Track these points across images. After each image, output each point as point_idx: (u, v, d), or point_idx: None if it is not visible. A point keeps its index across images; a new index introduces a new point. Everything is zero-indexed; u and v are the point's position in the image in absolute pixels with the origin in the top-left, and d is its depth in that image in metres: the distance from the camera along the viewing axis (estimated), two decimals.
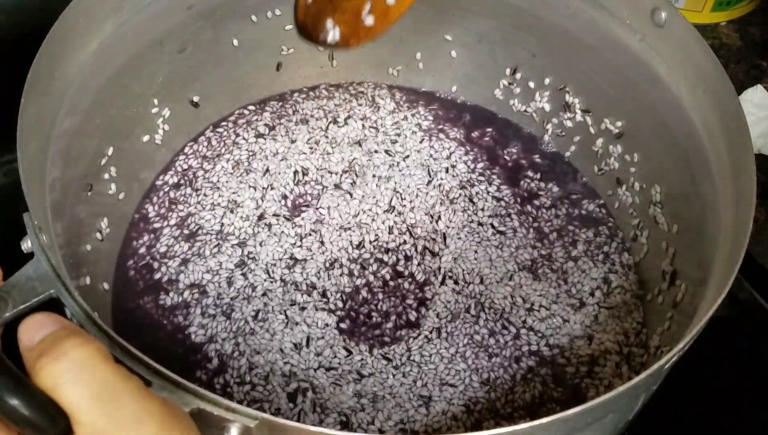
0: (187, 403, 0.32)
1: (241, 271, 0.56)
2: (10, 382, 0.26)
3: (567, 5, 0.58)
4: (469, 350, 0.53)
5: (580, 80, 0.61)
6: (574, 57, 0.60)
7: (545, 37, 0.61)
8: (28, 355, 0.28)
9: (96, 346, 0.28)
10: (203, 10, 0.59)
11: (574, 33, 0.59)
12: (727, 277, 0.40)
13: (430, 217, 0.60)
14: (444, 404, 0.51)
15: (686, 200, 0.52)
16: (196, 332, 0.53)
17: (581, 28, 0.58)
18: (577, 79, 0.61)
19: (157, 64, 0.58)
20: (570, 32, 0.59)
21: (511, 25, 0.62)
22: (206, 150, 0.63)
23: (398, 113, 0.67)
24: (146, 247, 0.58)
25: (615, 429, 0.45)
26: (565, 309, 0.55)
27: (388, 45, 0.67)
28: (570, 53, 0.60)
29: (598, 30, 0.57)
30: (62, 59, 0.48)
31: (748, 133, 0.45)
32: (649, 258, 0.57)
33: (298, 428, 0.33)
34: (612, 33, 0.56)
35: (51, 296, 0.36)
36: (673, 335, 0.50)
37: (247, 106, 0.67)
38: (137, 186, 0.60)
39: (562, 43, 0.60)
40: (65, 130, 0.48)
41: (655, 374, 0.37)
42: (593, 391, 0.52)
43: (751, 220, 0.42)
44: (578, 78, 0.61)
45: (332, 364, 0.52)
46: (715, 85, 0.48)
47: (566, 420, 0.34)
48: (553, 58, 0.62)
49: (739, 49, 0.74)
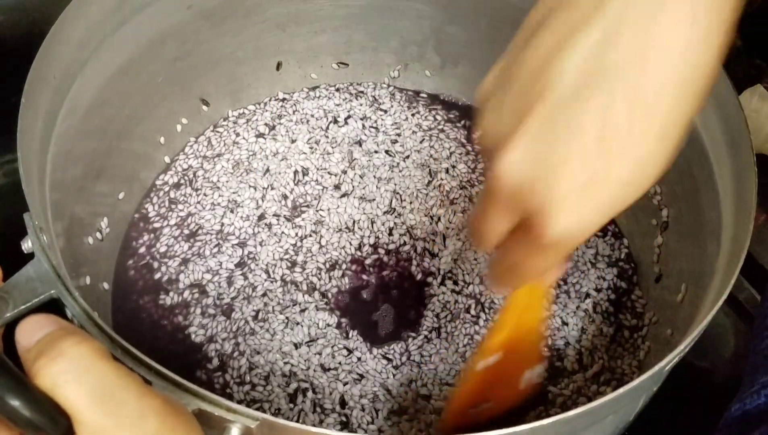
0: (187, 404, 0.32)
1: (241, 271, 0.56)
2: (11, 382, 0.26)
3: None
4: (469, 350, 0.53)
5: None
6: None
7: None
8: (26, 356, 0.27)
9: (94, 345, 0.28)
10: (203, 10, 0.59)
11: None
12: (728, 277, 0.40)
13: (430, 218, 0.60)
14: (444, 404, 0.51)
15: (686, 200, 0.52)
16: (196, 332, 0.53)
17: None
18: None
19: (157, 64, 0.58)
20: None
21: (513, 26, 0.62)
22: (206, 150, 0.63)
23: (398, 113, 0.67)
24: (146, 247, 0.58)
25: (615, 430, 0.45)
26: (564, 309, 0.55)
27: (389, 45, 0.67)
28: None
29: None
30: (62, 59, 0.48)
31: (748, 133, 0.45)
32: (649, 258, 0.57)
33: (299, 429, 0.33)
34: None
35: (51, 296, 0.36)
36: (674, 336, 0.50)
37: (247, 106, 0.67)
38: (137, 186, 0.60)
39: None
40: (65, 130, 0.48)
41: (656, 375, 0.37)
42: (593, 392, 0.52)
43: (752, 220, 0.42)
44: None
45: (332, 364, 0.52)
46: (715, 85, 0.48)
47: (567, 421, 0.34)
48: None
49: (739, 49, 0.74)
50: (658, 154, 0.29)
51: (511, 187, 0.30)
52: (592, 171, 0.29)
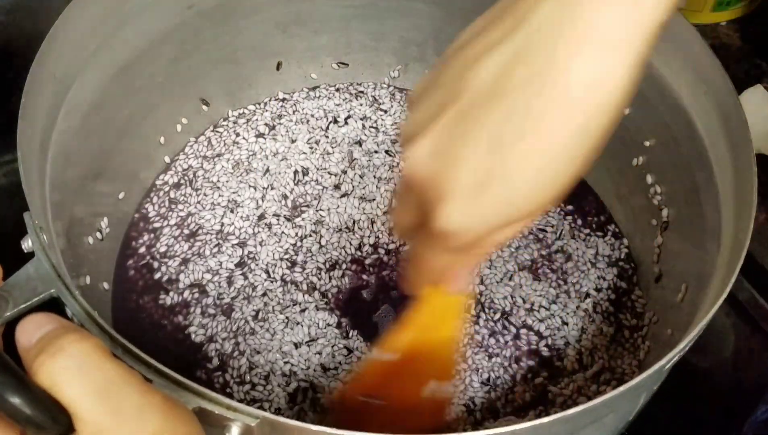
0: (188, 402, 0.32)
1: (241, 271, 0.56)
2: (11, 380, 0.25)
3: None
4: (469, 350, 0.53)
5: None
6: None
7: None
8: (26, 355, 0.27)
9: (94, 342, 0.28)
10: (203, 10, 0.59)
11: None
12: (728, 277, 0.40)
13: None
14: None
15: (686, 200, 0.52)
16: (196, 332, 0.53)
17: None
18: None
19: (157, 64, 0.58)
20: None
21: None
22: (206, 150, 0.63)
23: (398, 113, 0.67)
24: (146, 247, 0.58)
25: (616, 429, 0.45)
26: (564, 309, 0.55)
27: (389, 45, 0.67)
28: None
29: None
30: (62, 59, 0.48)
31: (748, 133, 0.45)
32: (649, 258, 0.57)
33: (300, 427, 0.33)
34: None
35: (51, 296, 0.36)
36: (674, 335, 0.50)
37: (247, 106, 0.67)
38: (137, 186, 0.60)
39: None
40: (65, 130, 0.48)
41: (655, 374, 0.37)
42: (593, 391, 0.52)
43: (752, 220, 0.42)
44: None
45: (332, 363, 0.52)
46: (715, 85, 0.48)
47: (567, 420, 0.34)
48: None
49: (739, 49, 0.74)
50: (548, 176, 0.30)
51: (415, 177, 0.32)
52: (485, 173, 0.30)
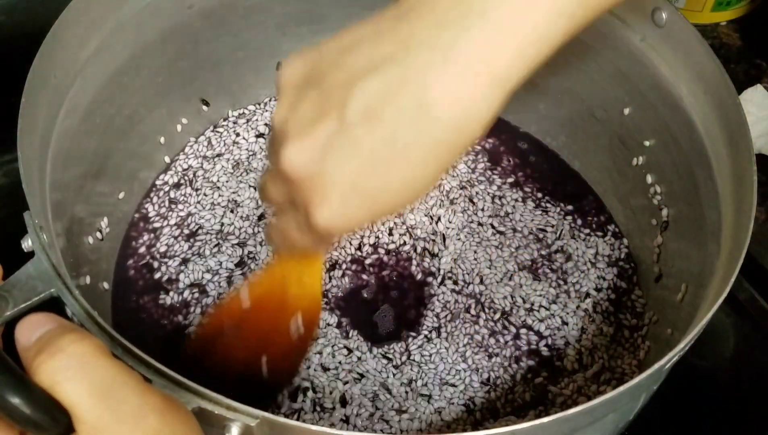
0: (187, 402, 0.32)
1: (241, 271, 0.56)
2: (11, 380, 0.25)
3: None
4: (469, 350, 0.53)
5: (581, 81, 0.61)
6: (575, 58, 0.60)
7: None
8: (26, 354, 0.27)
9: (94, 342, 0.28)
10: (203, 10, 0.59)
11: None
12: (728, 277, 0.40)
13: (430, 218, 0.60)
14: (444, 404, 0.51)
15: (686, 200, 0.52)
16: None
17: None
18: (578, 79, 0.61)
19: (157, 64, 0.58)
20: None
21: None
22: (206, 150, 0.63)
23: None
24: (146, 247, 0.58)
25: (615, 429, 0.45)
26: (564, 309, 0.55)
27: None
28: (570, 54, 0.60)
29: (598, 31, 0.57)
30: (62, 59, 0.48)
31: (748, 133, 0.45)
32: (649, 258, 0.57)
33: (300, 427, 0.33)
34: (612, 33, 0.56)
35: (51, 295, 0.36)
36: (674, 335, 0.50)
37: (247, 106, 0.67)
38: (137, 186, 0.60)
39: (563, 44, 0.60)
40: (65, 130, 0.48)
41: (655, 374, 0.37)
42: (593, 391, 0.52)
43: (752, 220, 0.42)
44: (579, 79, 0.61)
45: (332, 363, 0.52)
46: (715, 85, 0.48)
47: (567, 420, 0.34)
48: (553, 59, 0.62)
49: (739, 49, 0.74)
50: (412, 189, 0.34)
51: (288, 174, 0.34)
52: (356, 186, 0.33)
